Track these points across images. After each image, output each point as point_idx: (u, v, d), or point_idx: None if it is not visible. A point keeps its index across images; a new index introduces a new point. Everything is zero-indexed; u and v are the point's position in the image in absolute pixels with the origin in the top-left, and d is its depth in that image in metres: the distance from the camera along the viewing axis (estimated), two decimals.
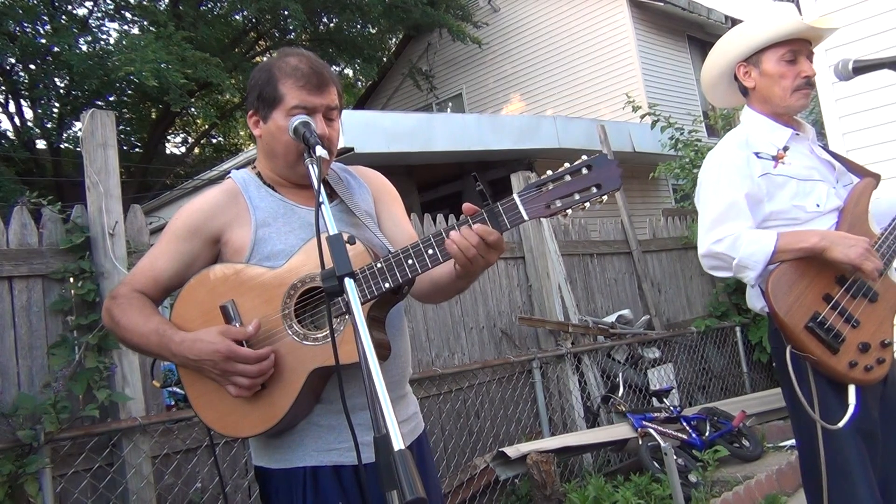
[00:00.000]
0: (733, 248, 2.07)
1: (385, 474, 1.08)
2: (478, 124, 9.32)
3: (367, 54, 15.01)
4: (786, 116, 2.26)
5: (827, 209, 2.15)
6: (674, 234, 7.13)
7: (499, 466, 4.17)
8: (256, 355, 1.51)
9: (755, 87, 2.25)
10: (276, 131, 1.65)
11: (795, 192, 2.14)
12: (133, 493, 3.04)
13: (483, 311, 4.95)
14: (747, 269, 2.07)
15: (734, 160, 2.17)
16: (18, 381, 2.96)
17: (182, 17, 13.11)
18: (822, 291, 2.04)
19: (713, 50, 2.35)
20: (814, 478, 2.05)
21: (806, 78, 2.19)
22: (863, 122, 5.26)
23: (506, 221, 1.46)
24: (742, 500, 4.04)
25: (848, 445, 1.98)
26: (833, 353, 1.99)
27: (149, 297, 1.67)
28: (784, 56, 2.19)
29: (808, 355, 2.01)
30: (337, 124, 1.71)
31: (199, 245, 1.67)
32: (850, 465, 1.98)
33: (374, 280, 1.50)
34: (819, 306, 2.02)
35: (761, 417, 5.72)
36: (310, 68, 1.65)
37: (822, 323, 2.00)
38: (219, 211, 1.67)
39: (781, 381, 2.19)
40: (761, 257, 2.04)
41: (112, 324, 1.65)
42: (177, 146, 19.40)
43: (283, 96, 1.63)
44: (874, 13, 5.22)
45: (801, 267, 2.04)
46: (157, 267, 1.67)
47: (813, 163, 2.22)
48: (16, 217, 3.10)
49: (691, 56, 13.10)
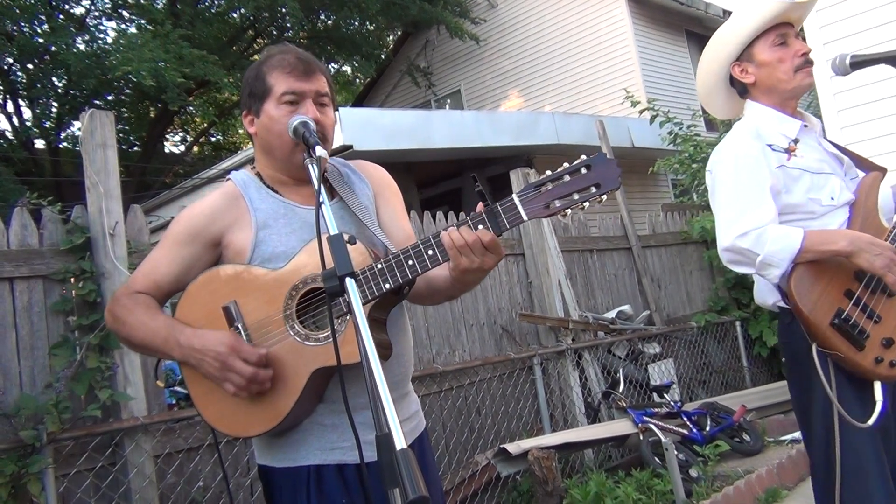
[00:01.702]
0: (758, 244, 1.99)
1: (387, 473, 1.08)
2: (476, 121, 9.32)
3: (366, 51, 15.00)
4: (792, 105, 2.23)
5: (840, 202, 2.12)
6: (673, 229, 7.13)
7: (500, 463, 4.19)
8: (258, 357, 1.52)
9: (755, 81, 2.22)
10: (268, 122, 1.66)
11: (810, 185, 2.10)
12: (136, 492, 3.05)
13: (483, 308, 4.96)
14: (772, 267, 2.00)
15: (750, 150, 2.11)
16: (20, 382, 2.96)
17: (179, 15, 13.09)
18: (843, 287, 2.02)
19: (702, 60, 2.32)
20: (826, 472, 2.02)
21: (804, 56, 2.16)
22: (861, 115, 5.27)
23: (505, 221, 1.47)
24: (743, 495, 4.05)
25: (866, 442, 1.96)
26: (859, 349, 1.96)
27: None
28: (774, 41, 2.17)
29: (834, 352, 1.97)
30: (330, 112, 1.71)
31: (200, 249, 1.67)
32: (866, 462, 1.96)
33: (375, 281, 1.50)
34: (842, 303, 2.00)
35: (762, 412, 5.74)
36: (296, 58, 1.68)
37: (846, 319, 1.97)
38: (219, 214, 1.67)
39: (792, 375, 2.17)
40: (787, 255, 1.98)
41: (116, 324, 1.66)
42: (175, 145, 19.43)
43: (271, 86, 1.65)
44: (871, 7, 5.22)
45: (821, 262, 2.01)
46: (158, 271, 1.68)
47: (822, 155, 2.19)
48: (16, 218, 3.10)
49: (689, 51, 13.09)
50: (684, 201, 8.57)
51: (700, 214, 7.15)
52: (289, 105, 1.64)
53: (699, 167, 7.42)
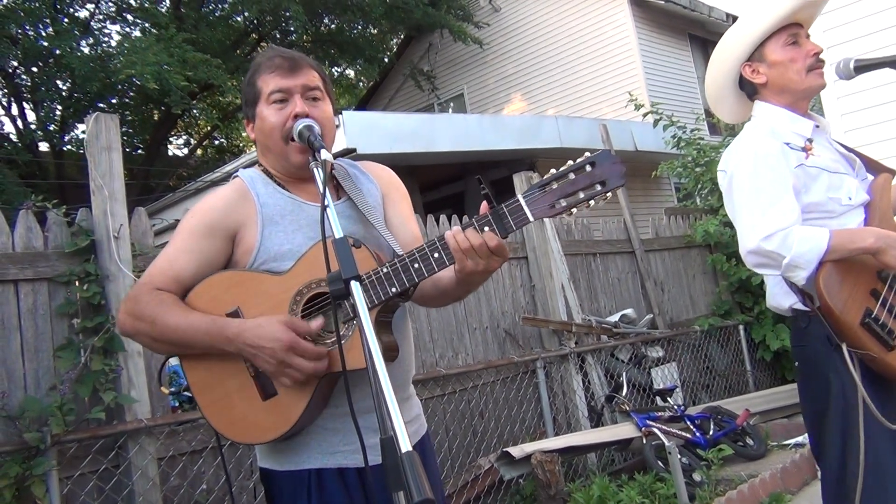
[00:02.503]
0: (784, 247, 1.95)
1: (392, 475, 1.08)
2: (479, 124, 9.33)
3: (369, 55, 15.03)
4: (803, 106, 2.21)
5: (857, 203, 2.11)
6: (676, 232, 7.12)
7: (503, 466, 4.18)
8: (316, 352, 1.49)
9: (767, 82, 2.19)
10: (261, 124, 1.68)
11: (828, 184, 2.08)
12: (139, 494, 3.05)
13: (486, 312, 4.96)
14: (799, 269, 1.96)
15: (769, 148, 2.07)
16: (25, 384, 2.96)
17: (183, 19, 13.14)
18: (868, 287, 2.00)
19: (712, 62, 2.30)
20: (839, 479, 2.00)
21: (816, 55, 2.15)
22: (864, 119, 5.26)
23: (511, 223, 1.46)
24: (746, 499, 4.04)
25: (887, 446, 1.95)
26: (889, 349, 1.96)
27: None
28: (787, 41, 2.15)
29: (866, 352, 1.95)
30: (323, 105, 1.70)
31: (219, 243, 1.64)
32: (886, 466, 1.95)
33: (382, 285, 1.50)
34: (870, 303, 1.99)
35: (765, 416, 5.72)
36: (280, 57, 1.70)
37: (876, 319, 1.96)
38: (233, 208, 1.66)
39: (808, 381, 2.14)
40: (814, 256, 1.94)
41: (140, 324, 1.59)
42: (179, 148, 19.46)
43: (260, 89, 1.68)
44: (875, 10, 5.22)
45: (846, 262, 1.99)
46: (176, 266, 1.63)
47: (836, 156, 2.18)
48: (21, 221, 3.10)
49: (693, 54, 13.10)
50: (687, 205, 8.57)
51: (703, 218, 7.14)
52: (278, 104, 1.66)
53: (702, 171, 7.41)
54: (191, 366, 1.62)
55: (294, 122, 1.62)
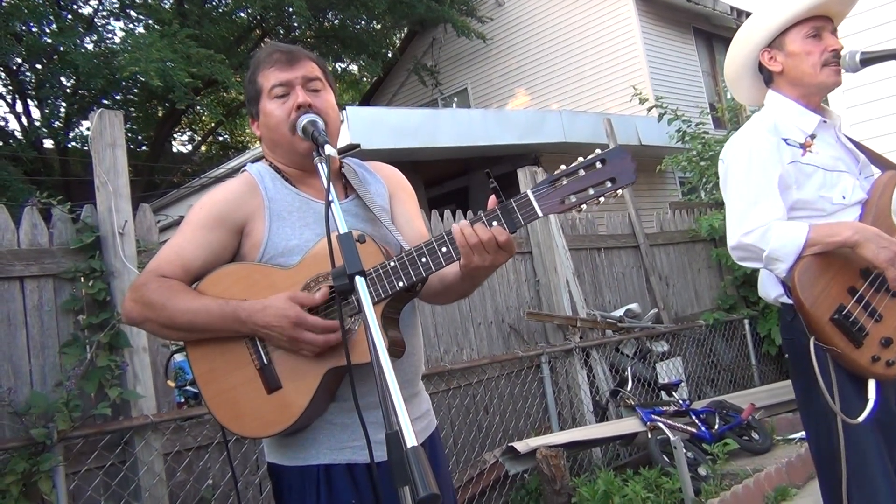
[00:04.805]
0: (763, 240, 2.01)
1: (398, 471, 1.08)
2: (483, 119, 9.30)
3: (372, 50, 15.01)
4: (815, 101, 2.21)
5: (852, 201, 2.12)
6: (681, 227, 7.10)
7: (508, 461, 4.18)
8: (323, 325, 1.50)
9: (782, 70, 2.19)
10: (266, 119, 1.69)
11: (822, 182, 2.10)
12: (145, 490, 3.06)
13: (491, 307, 4.96)
14: (778, 262, 2.02)
15: (764, 145, 2.11)
16: (31, 380, 2.98)
17: (187, 15, 13.13)
18: (847, 284, 2.02)
19: (734, 42, 2.30)
20: (830, 470, 2.03)
21: (833, 52, 2.14)
22: (870, 112, 5.24)
23: (520, 218, 1.45)
24: (751, 493, 4.04)
25: (866, 438, 1.97)
26: (857, 346, 1.97)
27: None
28: (808, 33, 2.15)
29: (831, 348, 1.98)
30: (325, 95, 1.70)
31: (228, 235, 1.64)
32: (868, 457, 1.97)
33: (388, 279, 1.49)
34: (844, 299, 2.00)
35: (770, 410, 5.72)
36: (277, 51, 1.71)
37: (847, 316, 1.97)
38: (242, 201, 1.66)
39: (795, 372, 2.18)
40: (792, 249, 1.99)
41: (148, 310, 1.58)
42: (183, 144, 19.48)
43: (262, 84, 1.69)
44: (879, 3, 5.19)
45: (827, 258, 2.01)
46: (184, 256, 1.62)
47: (838, 153, 2.18)
48: (26, 217, 3.11)
49: (697, 48, 13.04)
50: (692, 199, 8.54)
51: (708, 212, 7.12)
52: (280, 97, 1.67)
53: (707, 165, 7.38)
54: (196, 358, 1.62)
55: (298, 114, 1.63)
